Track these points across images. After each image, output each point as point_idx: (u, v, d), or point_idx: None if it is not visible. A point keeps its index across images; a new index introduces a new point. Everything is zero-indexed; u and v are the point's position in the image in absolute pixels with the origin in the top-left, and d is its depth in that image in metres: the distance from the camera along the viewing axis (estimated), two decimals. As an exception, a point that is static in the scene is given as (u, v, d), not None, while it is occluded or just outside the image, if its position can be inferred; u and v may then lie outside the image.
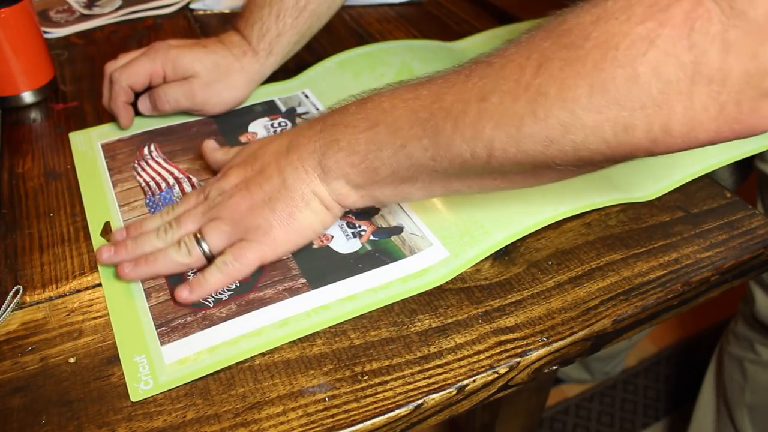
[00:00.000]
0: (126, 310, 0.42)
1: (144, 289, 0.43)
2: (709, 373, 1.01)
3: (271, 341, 0.40)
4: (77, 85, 0.66)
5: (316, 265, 0.44)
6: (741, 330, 0.90)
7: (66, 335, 0.41)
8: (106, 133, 0.59)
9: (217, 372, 0.38)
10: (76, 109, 0.62)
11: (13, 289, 0.43)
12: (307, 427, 0.36)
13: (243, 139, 0.57)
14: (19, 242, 0.47)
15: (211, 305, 0.42)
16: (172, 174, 0.53)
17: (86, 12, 0.78)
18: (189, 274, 0.44)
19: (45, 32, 0.73)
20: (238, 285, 0.43)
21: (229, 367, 0.39)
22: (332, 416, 0.36)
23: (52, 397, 0.37)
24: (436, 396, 0.37)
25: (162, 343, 0.40)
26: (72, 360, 0.39)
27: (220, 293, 0.43)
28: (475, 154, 0.37)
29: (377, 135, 0.40)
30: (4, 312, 0.42)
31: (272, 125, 0.59)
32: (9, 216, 0.50)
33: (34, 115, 0.62)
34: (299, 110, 0.61)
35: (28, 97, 0.62)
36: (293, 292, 0.43)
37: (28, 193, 0.52)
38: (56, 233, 0.48)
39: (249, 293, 0.43)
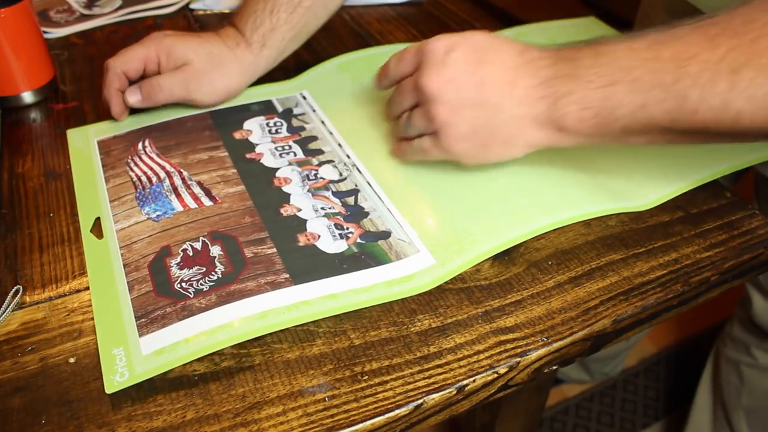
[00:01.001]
0: (109, 303, 0.42)
1: (127, 282, 0.43)
2: (705, 375, 1.00)
3: (248, 333, 0.40)
4: (77, 85, 0.66)
5: (301, 262, 0.44)
6: (737, 333, 0.90)
7: (66, 335, 0.41)
8: (103, 130, 0.59)
9: (216, 372, 0.38)
10: (76, 109, 0.62)
11: (13, 289, 0.43)
12: (307, 427, 0.36)
13: (237, 135, 0.57)
14: (19, 242, 0.47)
15: (192, 296, 0.42)
16: (163, 168, 0.53)
17: (86, 12, 0.78)
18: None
19: (45, 32, 0.73)
20: (219, 276, 0.43)
21: (228, 367, 0.39)
22: (332, 416, 0.36)
23: (52, 397, 0.37)
24: (436, 396, 0.37)
25: (140, 335, 0.40)
26: (72, 360, 0.39)
27: (201, 284, 0.43)
28: (720, 122, 0.39)
29: (615, 94, 0.41)
30: (4, 312, 0.42)
31: (267, 124, 0.59)
32: (9, 216, 0.50)
33: (34, 115, 0.62)
34: (296, 111, 0.61)
35: (28, 97, 0.62)
36: (275, 285, 0.42)
37: (28, 193, 0.52)
38: (56, 233, 0.48)
39: (230, 285, 0.43)
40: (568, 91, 0.43)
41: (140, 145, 0.56)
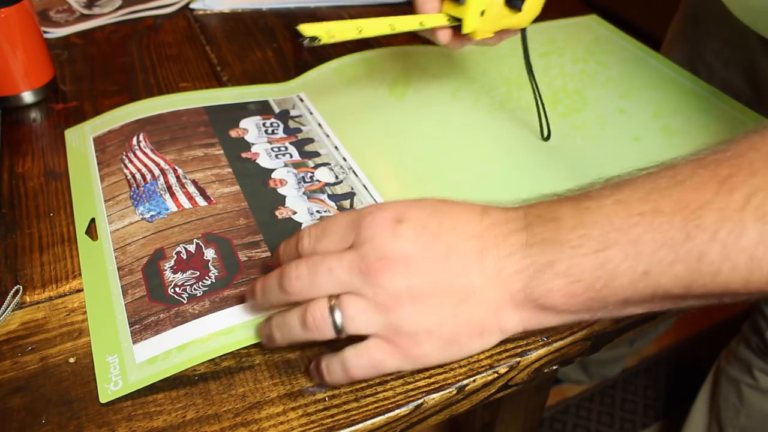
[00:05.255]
0: (103, 308, 0.42)
1: (121, 286, 0.43)
2: (703, 391, 0.98)
3: (241, 341, 0.39)
4: (77, 85, 0.66)
5: None
6: (742, 352, 0.88)
7: (66, 335, 0.41)
8: (98, 125, 0.58)
9: (217, 371, 0.38)
10: (75, 109, 0.62)
11: (13, 289, 0.43)
12: (307, 427, 0.36)
13: (233, 133, 0.57)
14: (19, 242, 0.47)
15: (185, 302, 0.42)
16: (158, 165, 0.53)
17: (86, 12, 0.78)
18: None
19: (45, 32, 0.73)
20: (213, 281, 0.43)
21: (228, 367, 0.39)
22: (332, 416, 0.36)
23: (52, 397, 0.37)
24: (436, 396, 0.37)
25: (134, 342, 0.39)
26: (72, 360, 0.39)
27: (194, 289, 0.42)
28: (749, 283, 0.31)
29: (609, 261, 0.32)
30: (4, 312, 0.42)
31: (264, 124, 0.59)
32: (9, 216, 0.50)
33: (34, 115, 0.62)
34: (293, 113, 0.60)
35: (28, 97, 0.62)
36: None
37: (28, 193, 0.52)
38: (56, 233, 0.48)
39: (224, 290, 0.42)
40: (550, 262, 0.33)
41: (135, 140, 0.56)
